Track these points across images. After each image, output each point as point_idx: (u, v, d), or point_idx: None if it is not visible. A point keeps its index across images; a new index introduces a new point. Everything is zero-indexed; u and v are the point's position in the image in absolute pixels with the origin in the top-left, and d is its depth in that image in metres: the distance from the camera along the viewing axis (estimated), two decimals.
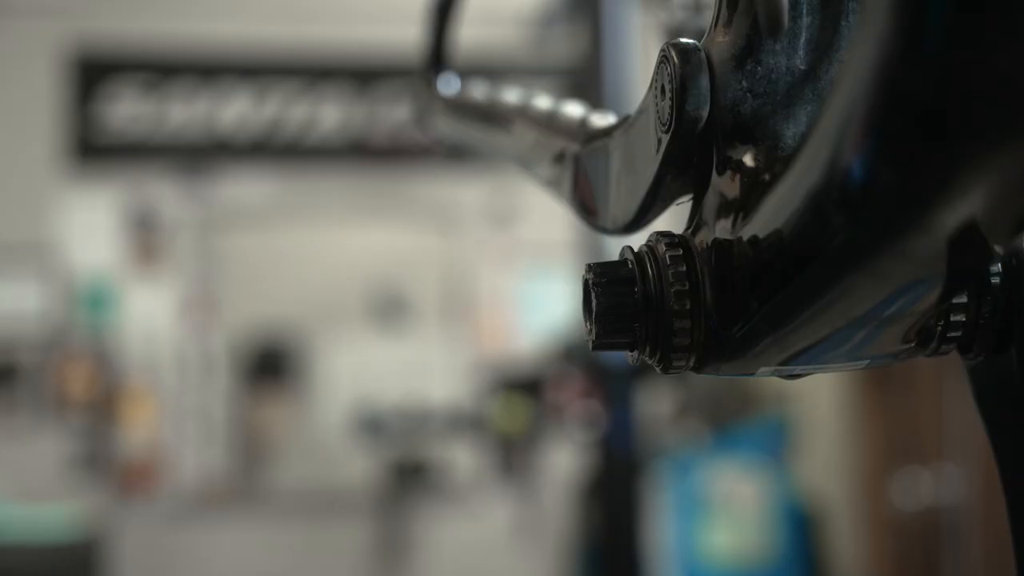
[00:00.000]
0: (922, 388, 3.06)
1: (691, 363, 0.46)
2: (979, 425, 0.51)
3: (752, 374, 0.46)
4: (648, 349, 0.46)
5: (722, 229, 0.45)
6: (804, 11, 0.44)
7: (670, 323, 0.45)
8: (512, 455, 4.52)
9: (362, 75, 5.04)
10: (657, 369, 0.47)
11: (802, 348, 0.44)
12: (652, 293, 0.45)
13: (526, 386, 4.40)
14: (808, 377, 0.49)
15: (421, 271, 4.95)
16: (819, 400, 3.59)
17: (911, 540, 3.13)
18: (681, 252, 0.45)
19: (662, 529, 3.64)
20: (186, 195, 4.91)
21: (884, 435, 3.27)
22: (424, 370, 4.82)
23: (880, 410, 3.28)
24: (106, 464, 4.62)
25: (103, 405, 4.61)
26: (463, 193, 4.86)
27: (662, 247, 0.46)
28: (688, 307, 0.45)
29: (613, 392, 2.86)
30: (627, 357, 0.47)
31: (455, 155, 4.49)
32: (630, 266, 0.46)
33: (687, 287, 0.45)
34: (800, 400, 3.69)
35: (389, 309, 4.94)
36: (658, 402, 3.81)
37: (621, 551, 3.71)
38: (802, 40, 0.44)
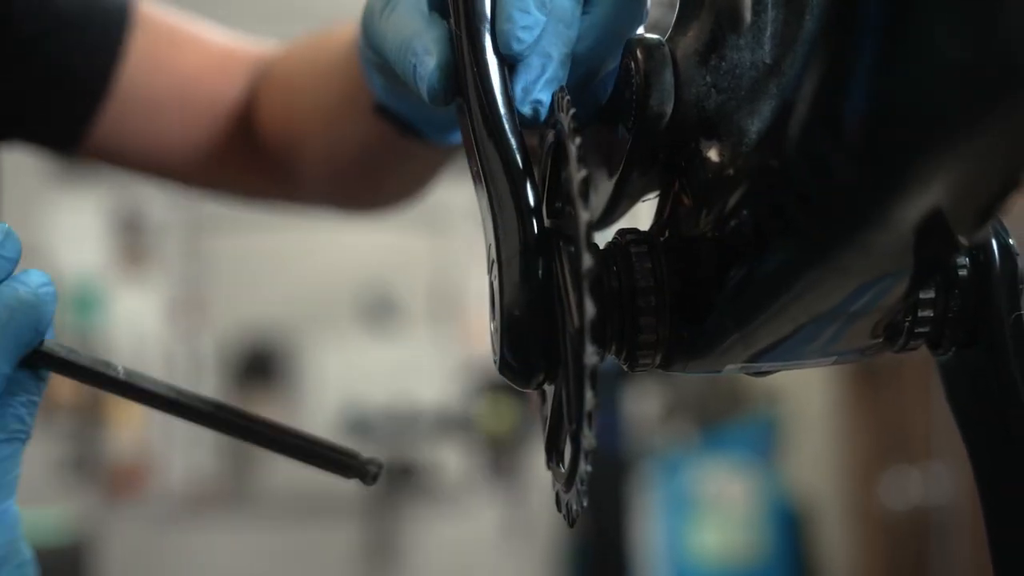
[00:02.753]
0: (910, 386, 3.06)
1: (657, 360, 0.46)
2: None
3: (719, 371, 0.46)
4: (615, 347, 0.46)
5: (687, 225, 0.45)
6: (768, 6, 0.44)
7: (635, 320, 0.44)
8: (500, 456, 4.51)
9: None
10: (624, 367, 0.47)
11: (768, 345, 0.44)
12: (617, 290, 0.45)
13: (513, 387, 4.39)
14: (796, 376, 0.48)
15: (410, 272, 4.95)
16: (807, 399, 3.59)
17: (900, 538, 3.13)
18: (646, 249, 0.45)
19: (651, 529, 3.64)
20: (173, 197, 4.90)
21: (872, 434, 3.27)
22: (412, 371, 4.81)
23: (868, 409, 3.27)
24: (94, 467, 4.60)
25: (91, 408, 4.60)
26: (452, 195, 4.86)
27: (627, 244, 0.45)
28: (653, 304, 0.44)
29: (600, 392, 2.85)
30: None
31: None
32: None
33: (652, 284, 0.44)
34: (788, 399, 3.69)
35: (378, 310, 4.93)
36: (645, 402, 3.81)
37: (610, 551, 3.70)
38: (767, 35, 0.43)
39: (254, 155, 0.86)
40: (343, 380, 4.82)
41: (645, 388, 3.78)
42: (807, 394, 3.59)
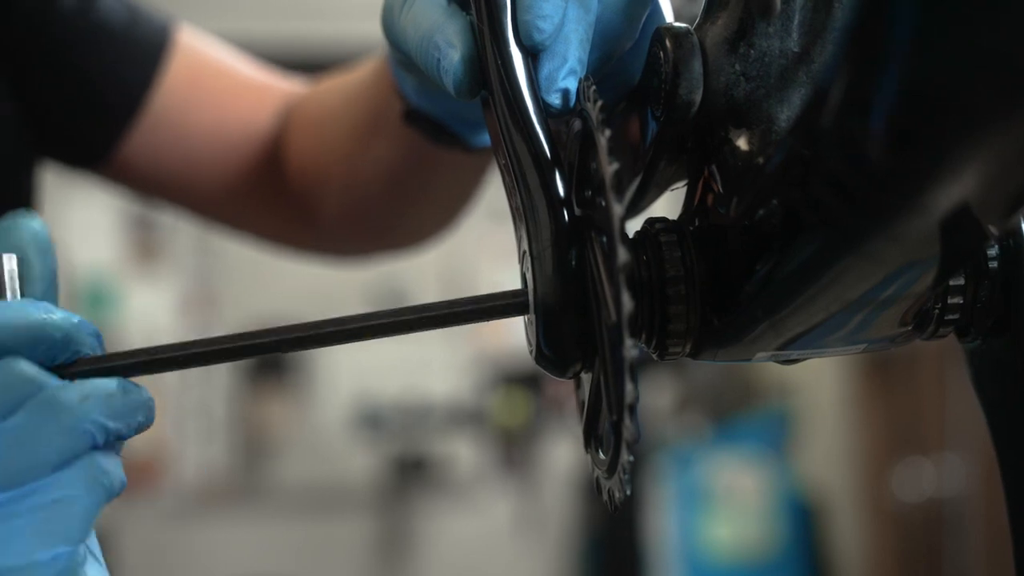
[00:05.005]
0: (924, 378, 3.05)
1: (687, 349, 0.46)
2: (981, 414, 0.50)
3: (749, 359, 0.46)
4: (644, 336, 0.46)
5: (716, 214, 0.45)
6: None
7: (665, 309, 0.45)
8: (512, 449, 4.51)
9: None
10: (654, 356, 0.47)
11: (798, 333, 0.44)
12: (647, 279, 0.45)
13: (526, 380, 4.39)
14: (809, 368, 0.48)
15: (420, 266, 4.94)
16: (820, 392, 3.59)
17: (913, 531, 3.12)
18: (676, 238, 0.45)
19: (663, 521, 3.64)
20: None
21: (886, 426, 3.27)
22: (424, 365, 4.81)
23: (881, 401, 3.27)
24: None
25: None
26: None
27: (657, 233, 0.45)
28: (683, 293, 0.44)
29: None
30: None
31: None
32: None
33: (681, 273, 0.44)
34: (801, 392, 3.69)
35: (388, 304, 4.93)
36: (658, 395, 3.80)
37: (622, 544, 3.70)
38: (795, 22, 0.43)
39: (279, 195, 0.85)
40: (355, 374, 4.82)
41: (658, 381, 3.78)
42: (820, 386, 3.59)
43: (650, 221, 0.46)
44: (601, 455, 0.46)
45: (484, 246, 4.77)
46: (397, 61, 0.62)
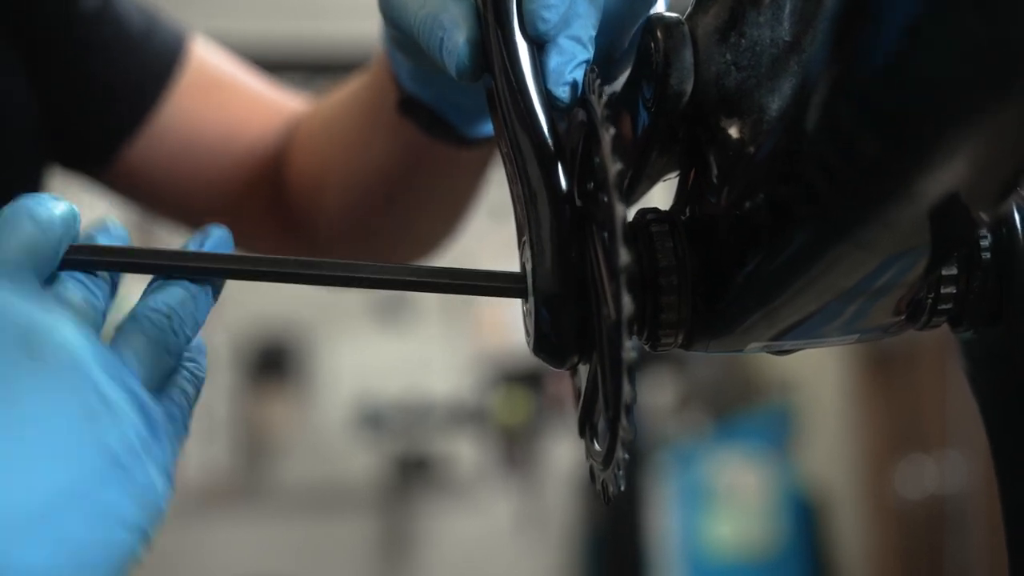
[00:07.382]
0: (925, 374, 3.05)
1: (679, 340, 0.46)
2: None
3: (741, 350, 0.46)
4: (636, 327, 0.45)
5: (708, 204, 0.45)
6: None
7: (657, 300, 0.44)
8: (514, 448, 4.51)
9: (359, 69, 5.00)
10: (646, 347, 0.47)
11: (791, 323, 0.44)
12: (639, 270, 0.45)
13: (527, 378, 4.39)
14: (810, 364, 0.48)
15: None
16: (822, 388, 3.59)
17: (915, 527, 3.12)
18: (667, 228, 0.45)
19: (665, 520, 3.64)
20: None
21: (887, 423, 3.27)
22: (425, 364, 4.81)
23: (883, 398, 3.27)
24: None
25: None
26: None
27: (649, 223, 0.45)
28: (675, 283, 0.44)
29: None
30: None
31: None
32: None
33: (673, 263, 0.44)
34: (803, 388, 3.69)
35: (389, 304, 4.93)
36: (659, 392, 3.80)
37: (624, 542, 3.70)
38: (786, 11, 0.43)
39: (279, 213, 0.85)
40: (356, 374, 4.83)
41: (659, 378, 3.78)
42: (821, 383, 3.58)
43: (642, 212, 0.46)
44: (596, 446, 0.46)
45: (485, 245, 4.77)
46: (393, 40, 0.62)
